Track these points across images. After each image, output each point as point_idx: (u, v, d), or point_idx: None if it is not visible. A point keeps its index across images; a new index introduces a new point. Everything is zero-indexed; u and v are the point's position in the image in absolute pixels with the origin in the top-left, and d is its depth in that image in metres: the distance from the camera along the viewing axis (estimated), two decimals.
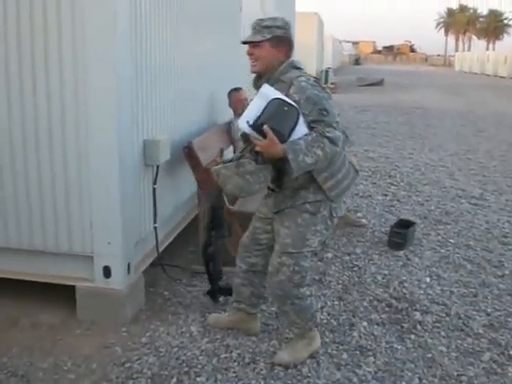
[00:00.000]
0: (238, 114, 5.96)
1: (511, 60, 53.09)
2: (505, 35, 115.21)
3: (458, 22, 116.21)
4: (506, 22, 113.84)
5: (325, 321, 4.07)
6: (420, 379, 3.44)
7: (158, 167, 4.25)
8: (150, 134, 4.20)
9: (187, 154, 4.59)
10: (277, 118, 3.05)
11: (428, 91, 29.20)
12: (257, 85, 3.35)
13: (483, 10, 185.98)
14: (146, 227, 4.30)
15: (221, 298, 4.26)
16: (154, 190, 4.30)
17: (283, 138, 3.03)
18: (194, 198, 5.04)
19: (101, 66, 3.58)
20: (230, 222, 4.71)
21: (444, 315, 4.26)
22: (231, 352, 3.63)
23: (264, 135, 3.02)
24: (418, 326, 4.05)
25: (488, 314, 4.32)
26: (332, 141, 3.08)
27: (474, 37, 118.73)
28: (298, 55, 14.92)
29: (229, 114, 6.09)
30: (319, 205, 3.31)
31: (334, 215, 3.41)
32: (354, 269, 5.04)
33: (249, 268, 3.70)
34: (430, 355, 3.71)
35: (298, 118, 3.08)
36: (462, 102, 23.11)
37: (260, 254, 3.63)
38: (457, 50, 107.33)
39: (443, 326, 4.11)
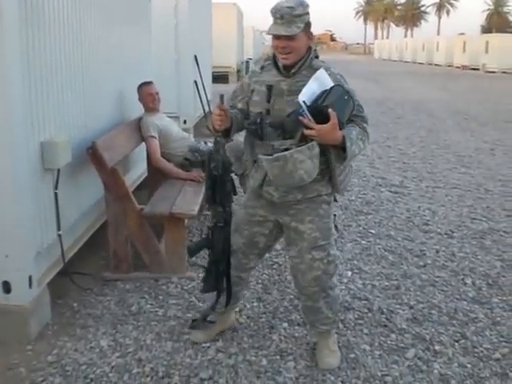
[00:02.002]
0: (149, 108, 5.70)
1: (429, 47, 54.60)
2: (422, 22, 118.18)
3: (376, 10, 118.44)
4: (423, 9, 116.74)
5: (244, 325, 3.87)
6: (343, 382, 3.29)
7: (58, 171, 3.95)
8: (48, 135, 3.88)
9: (91, 154, 4.30)
10: (338, 105, 2.98)
11: (348, 80, 29.48)
12: (287, 73, 3.15)
13: None
14: (49, 235, 3.97)
15: None
16: (56, 195, 3.99)
17: (341, 126, 2.98)
18: (102, 201, 4.74)
19: None
20: (140, 224, 4.47)
21: (366, 311, 4.14)
22: (144, 366, 3.39)
23: (320, 119, 2.91)
24: (340, 324, 3.89)
25: (411, 307, 4.23)
26: (368, 136, 3.18)
27: (392, 24, 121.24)
28: (217, 47, 14.70)
29: (139, 109, 5.80)
30: (331, 196, 3.34)
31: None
32: (274, 266, 4.86)
33: (247, 273, 3.62)
34: (353, 355, 3.57)
35: (353, 109, 3.08)
36: (381, 90, 23.48)
37: (257, 257, 3.56)
38: (376, 38, 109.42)
39: (366, 322, 3.98)
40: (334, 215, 5.73)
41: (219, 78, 23.04)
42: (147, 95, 5.72)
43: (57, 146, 3.83)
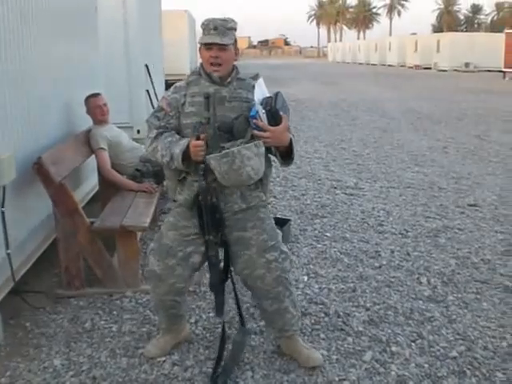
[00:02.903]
0: (97, 120, 5.63)
1: (381, 47, 55.35)
2: (374, 24, 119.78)
3: (328, 14, 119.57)
4: (374, 10, 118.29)
5: (200, 336, 3.84)
6: None
7: (4, 188, 3.86)
8: None
9: (37, 170, 4.21)
10: (283, 110, 3.15)
11: (302, 83, 29.74)
12: (222, 82, 3.20)
13: (352, 1, 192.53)
14: None
15: None
16: (3, 213, 3.91)
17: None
18: (52, 217, 4.63)
19: None
20: (90, 239, 4.40)
21: (323, 315, 4.14)
22: None
23: (273, 122, 3.06)
24: None
25: (367, 309, 4.24)
26: None
27: (344, 27, 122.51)
28: (169, 55, 14.62)
29: (88, 121, 5.71)
30: (266, 200, 3.43)
31: None
32: (229, 275, 4.82)
33: (183, 297, 3.55)
34: None
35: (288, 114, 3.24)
36: (335, 92, 23.68)
37: (192, 279, 3.53)
38: (329, 41, 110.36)
39: (322, 327, 3.98)
40: (289, 220, 5.79)
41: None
42: (95, 107, 5.64)
43: (1, 162, 3.74)
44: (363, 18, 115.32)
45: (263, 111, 3.04)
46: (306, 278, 4.81)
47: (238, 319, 3.75)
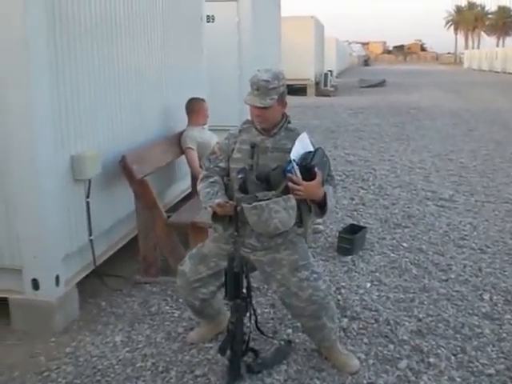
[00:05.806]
0: (196, 122, 6.02)
1: None
2: None
3: (466, 20, 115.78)
4: None
5: (250, 328, 4.11)
6: None
7: (89, 181, 4.34)
8: (80, 149, 4.27)
9: (122, 167, 4.68)
10: (321, 166, 3.35)
11: (428, 90, 29.14)
12: (268, 133, 3.44)
13: (491, 7, 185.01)
14: (80, 240, 4.37)
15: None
16: (88, 203, 4.39)
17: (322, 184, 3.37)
18: None
19: (15, 80, 3.68)
20: (166, 232, 4.81)
21: (373, 322, 4.29)
22: (147, 361, 3.73)
23: (309, 177, 3.24)
24: (342, 333, 4.07)
25: (419, 320, 4.33)
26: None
27: (483, 34, 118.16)
28: (294, 60, 15.10)
29: (183, 123, 6.13)
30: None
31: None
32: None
33: (202, 303, 3.74)
34: None
35: (329, 169, 3.48)
36: (459, 101, 23.04)
37: (216, 289, 3.70)
38: (466, 48, 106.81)
39: (368, 332, 4.13)
40: (365, 227, 5.94)
41: (298, 90, 23.40)
42: (202, 110, 6.09)
43: (85, 159, 4.23)
44: (503, 25, 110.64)
45: (297, 166, 3.24)
46: (368, 284, 4.96)
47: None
